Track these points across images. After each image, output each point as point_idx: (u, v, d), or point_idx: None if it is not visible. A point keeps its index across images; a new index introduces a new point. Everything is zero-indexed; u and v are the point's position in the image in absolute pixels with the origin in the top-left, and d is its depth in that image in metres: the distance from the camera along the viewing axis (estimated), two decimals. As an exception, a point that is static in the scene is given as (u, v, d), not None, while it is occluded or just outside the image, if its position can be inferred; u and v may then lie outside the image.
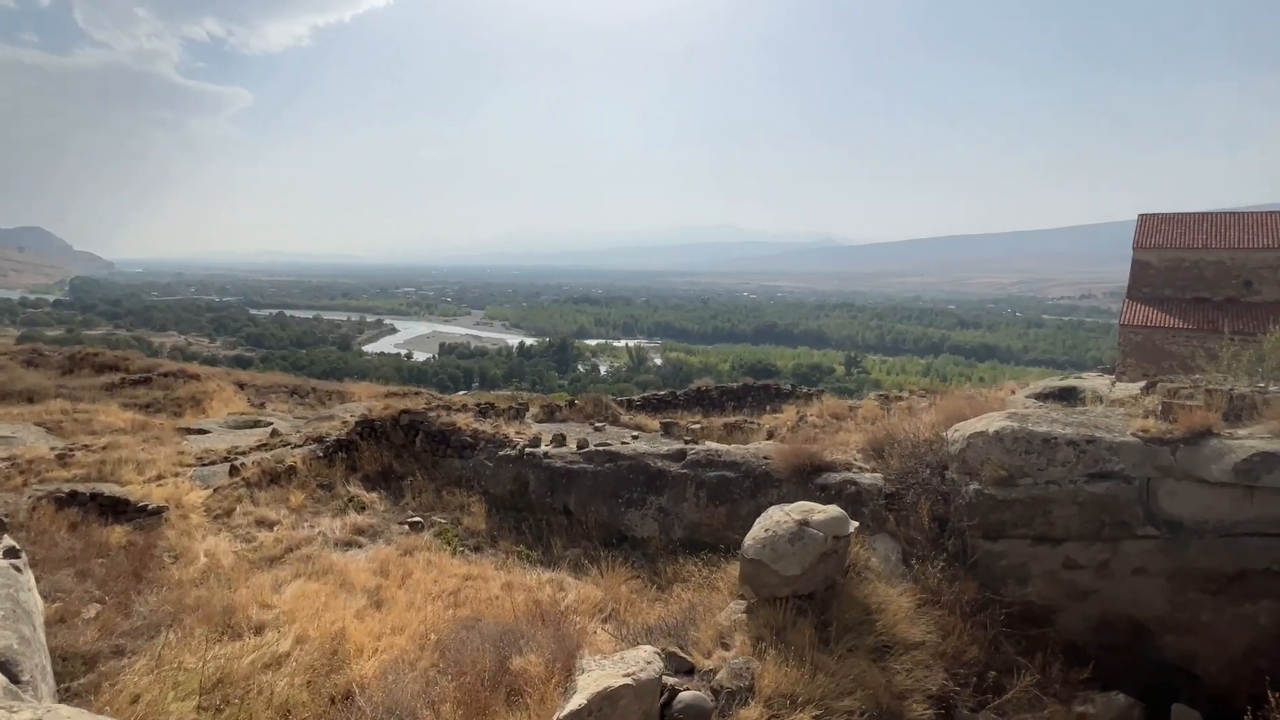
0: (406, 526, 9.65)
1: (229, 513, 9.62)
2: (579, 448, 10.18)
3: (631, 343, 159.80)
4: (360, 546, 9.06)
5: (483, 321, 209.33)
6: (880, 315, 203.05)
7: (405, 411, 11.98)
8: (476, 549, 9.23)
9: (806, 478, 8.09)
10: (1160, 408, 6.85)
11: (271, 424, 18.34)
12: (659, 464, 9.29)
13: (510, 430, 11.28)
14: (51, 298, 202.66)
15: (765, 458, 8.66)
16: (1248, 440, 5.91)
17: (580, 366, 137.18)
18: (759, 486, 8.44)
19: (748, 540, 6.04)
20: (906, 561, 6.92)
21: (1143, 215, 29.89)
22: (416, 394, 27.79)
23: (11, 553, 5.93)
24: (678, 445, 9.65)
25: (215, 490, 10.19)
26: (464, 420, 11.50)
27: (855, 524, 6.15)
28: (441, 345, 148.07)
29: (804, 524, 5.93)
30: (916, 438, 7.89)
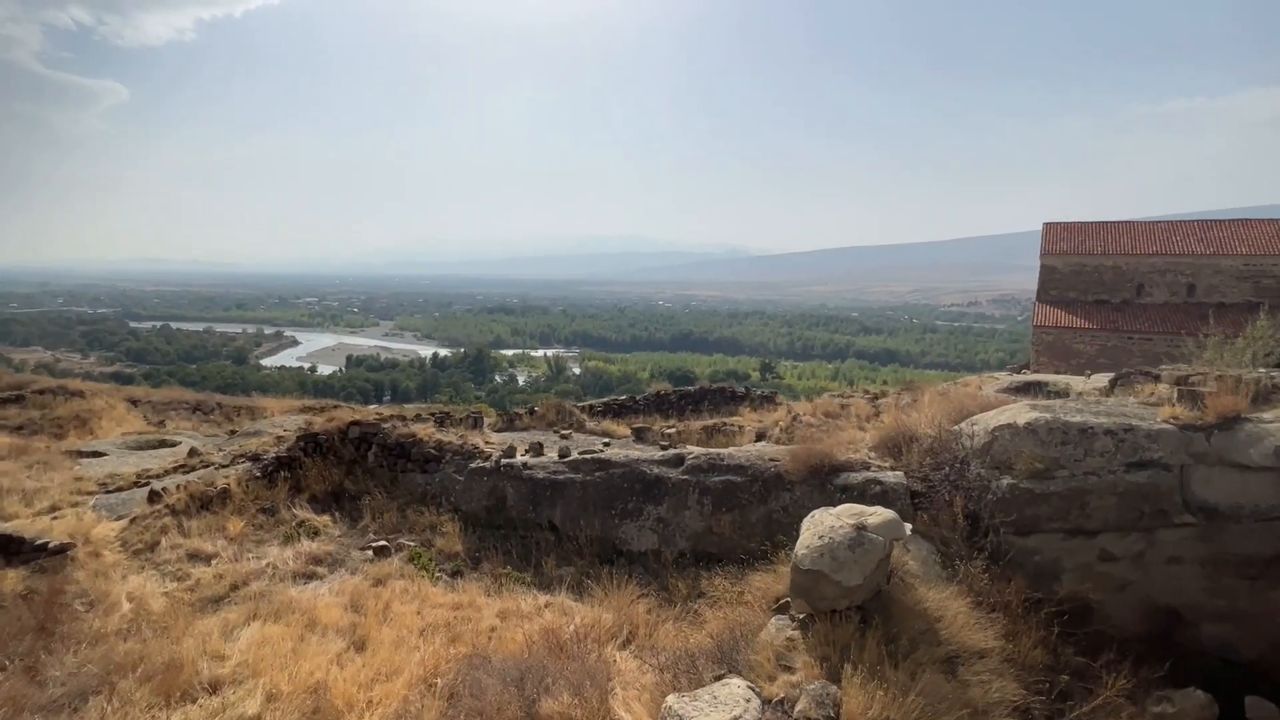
0: (370, 552, 8.51)
1: (153, 547, 8.17)
2: (561, 456, 9.37)
3: (550, 352, 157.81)
4: (320, 578, 7.88)
5: (392, 332, 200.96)
6: (790, 323, 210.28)
7: (355, 423, 10.74)
8: (456, 574, 8.23)
9: (823, 479, 7.66)
10: (1177, 394, 6.87)
11: (180, 442, 16.32)
12: (655, 470, 8.62)
13: (479, 440, 10.30)
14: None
15: (772, 460, 8.18)
16: (1282, 424, 5.93)
17: (498, 377, 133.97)
18: (769, 490, 7.94)
19: (800, 550, 5.50)
20: (943, 563, 6.60)
21: (1047, 224, 31.94)
22: (335, 407, 25.75)
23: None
24: (673, 450, 9.03)
25: (132, 521, 8.67)
26: (425, 431, 10.40)
27: (909, 526, 5.75)
28: (349, 358, 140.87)
29: (861, 528, 5.45)
30: (939, 432, 7.63)
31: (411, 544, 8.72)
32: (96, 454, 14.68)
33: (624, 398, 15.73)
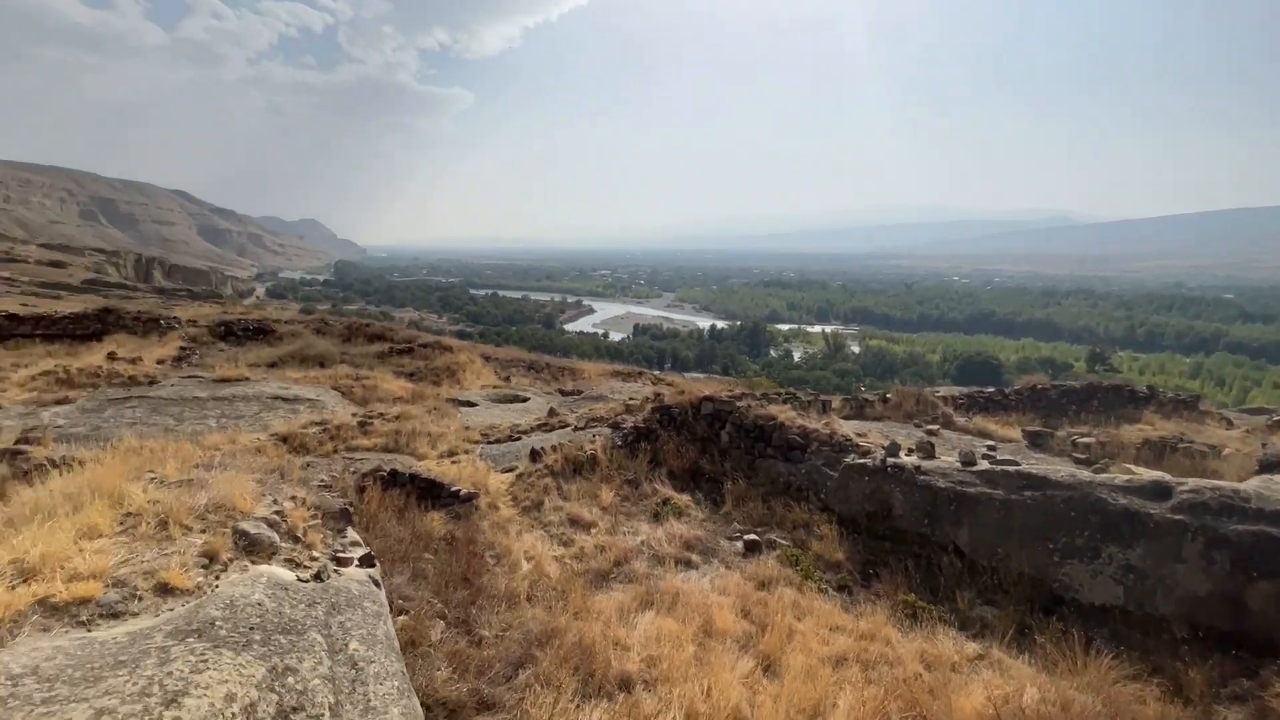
0: (740, 544, 7.76)
1: (538, 505, 8.40)
2: (965, 463, 7.59)
3: (827, 328, 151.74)
4: (695, 567, 7.31)
5: (674, 304, 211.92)
6: (1128, 304, 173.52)
7: (708, 398, 10.19)
8: (842, 588, 7.06)
9: None
10: None
11: (529, 398, 17.94)
12: (1121, 500, 6.41)
13: (849, 431, 8.98)
14: (321, 278, 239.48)
15: (1345, 510, 5.43)
16: None
17: (773, 351, 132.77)
18: (1344, 557, 5.27)
19: None
20: None
21: None
22: (640, 373, 27.10)
23: (367, 560, 4.75)
24: (1149, 475, 6.68)
25: (518, 477, 9.10)
26: (786, 415, 9.41)
27: None
28: (636, 326, 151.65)
29: None
30: None
31: (784, 542, 7.77)
32: (469, 404, 16.70)
33: (990, 390, 13.17)
